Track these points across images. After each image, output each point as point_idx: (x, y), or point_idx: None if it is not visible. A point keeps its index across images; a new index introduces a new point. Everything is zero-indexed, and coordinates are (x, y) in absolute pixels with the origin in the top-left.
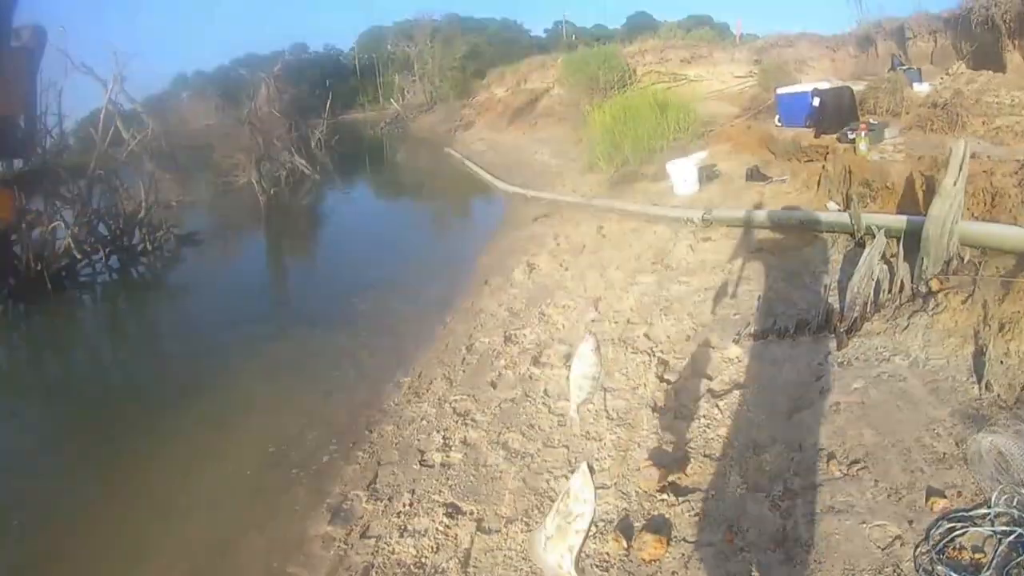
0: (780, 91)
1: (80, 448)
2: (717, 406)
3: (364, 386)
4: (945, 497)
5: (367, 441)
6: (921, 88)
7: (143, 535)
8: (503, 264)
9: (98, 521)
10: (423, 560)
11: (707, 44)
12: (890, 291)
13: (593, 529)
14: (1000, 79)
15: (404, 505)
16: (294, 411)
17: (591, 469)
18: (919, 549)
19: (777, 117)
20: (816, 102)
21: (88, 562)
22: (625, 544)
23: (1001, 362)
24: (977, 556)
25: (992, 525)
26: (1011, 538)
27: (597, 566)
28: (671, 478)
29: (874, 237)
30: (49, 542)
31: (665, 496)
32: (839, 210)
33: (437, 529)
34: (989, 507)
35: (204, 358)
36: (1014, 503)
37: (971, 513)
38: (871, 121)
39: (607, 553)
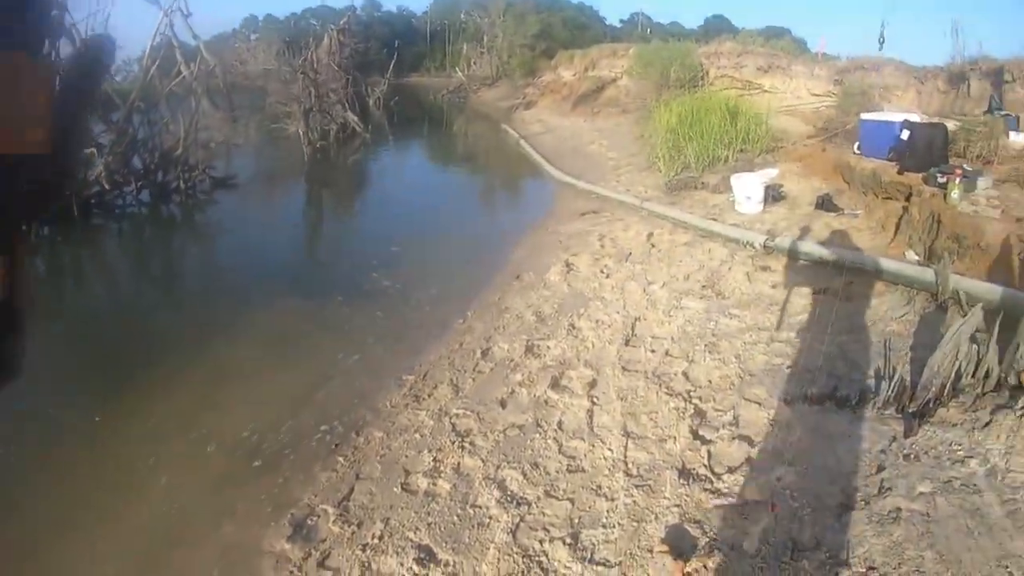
0: (865, 116)
1: (62, 391)
2: (756, 483)
3: (363, 376)
4: None
5: (351, 445)
6: (1018, 138)
7: (95, 504)
8: (540, 259)
9: (54, 478)
10: None
11: (786, 55)
12: (973, 376)
13: None
14: None
15: (374, 536)
16: (284, 391)
17: None
18: None
19: (857, 144)
20: (905, 135)
21: (31, 525)
22: None
23: None
24: None
25: None
26: None
27: None
28: (688, 569)
29: (959, 303)
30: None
31: None
32: (919, 263)
33: None
34: None
35: (211, 311)
36: None
37: None
38: (965, 167)
39: None
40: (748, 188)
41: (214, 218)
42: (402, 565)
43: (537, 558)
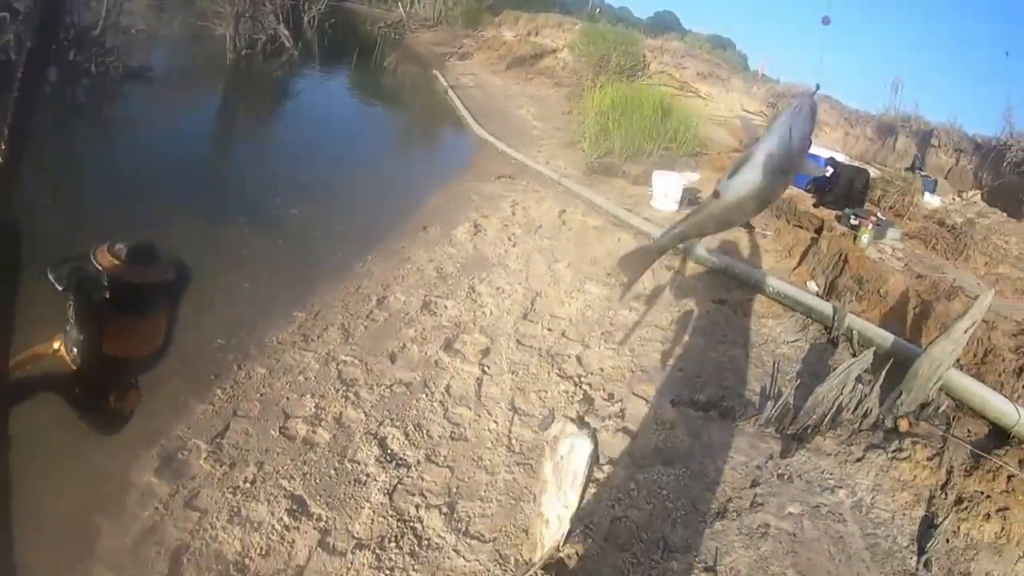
0: None
1: None
2: (635, 479)
3: (253, 306)
4: None
5: (231, 379)
6: (932, 200)
7: None
8: (449, 215)
9: None
10: (246, 562)
11: (728, 67)
12: (854, 412)
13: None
14: (1013, 226)
15: (246, 480)
16: None
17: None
18: None
19: None
20: (828, 172)
21: None
22: None
23: (948, 540)
24: None
25: None
26: None
27: None
28: (561, 555)
29: (850, 341)
30: None
31: None
32: (818, 294)
33: (274, 526)
34: None
35: (98, 213)
36: None
37: None
38: (879, 215)
39: None
40: (668, 186)
41: (122, 111)
42: (272, 514)
43: (412, 524)
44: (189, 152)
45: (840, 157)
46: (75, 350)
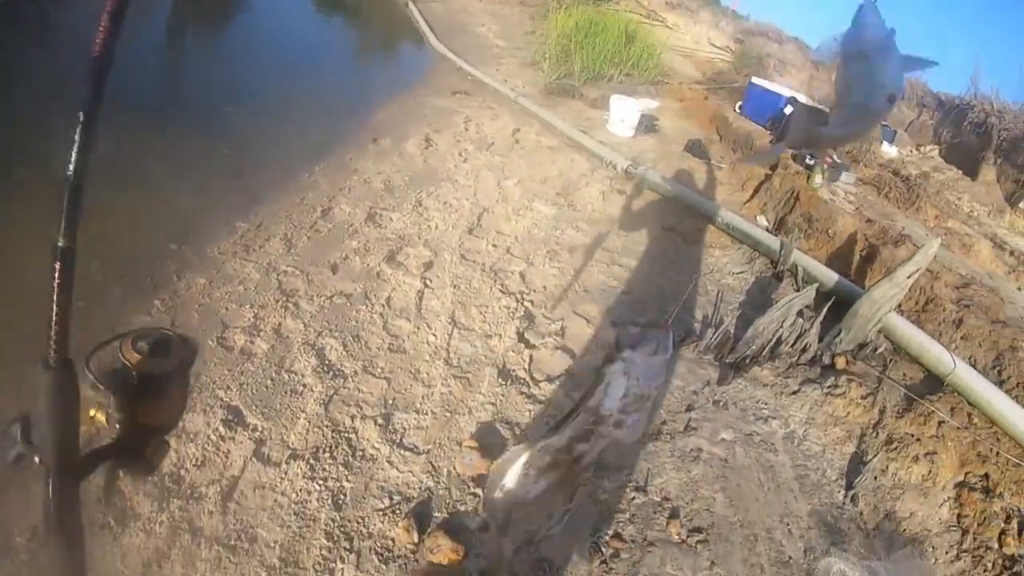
0: (755, 80)
1: None
2: (571, 397)
3: (194, 215)
4: None
5: (170, 289)
6: (889, 150)
7: None
8: (401, 128)
9: None
10: (182, 474)
11: None
12: (792, 346)
13: (389, 501)
14: (966, 184)
15: None
16: (104, 220)
17: None
18: None
19: (740, 104)
20: (788, 110)
21: None
22: (415, 537)
23: (876, 478)
24: None
25: None
26: None
27: (377, 553)
28: (493, 467)
29: (795, 278)
30: None
31: (479, 491)
32: (768, 229)
33: (209, 437)
34: None
35: (50, 120)
36: None
37: None
38: (835, 158)
39: (392, 540)
40: (625, 112)
41: (71, 19)
42: (208, 425)
43: (347, 434)
44: (134, 57)
45: (802, 98)
46: (117, 426)
